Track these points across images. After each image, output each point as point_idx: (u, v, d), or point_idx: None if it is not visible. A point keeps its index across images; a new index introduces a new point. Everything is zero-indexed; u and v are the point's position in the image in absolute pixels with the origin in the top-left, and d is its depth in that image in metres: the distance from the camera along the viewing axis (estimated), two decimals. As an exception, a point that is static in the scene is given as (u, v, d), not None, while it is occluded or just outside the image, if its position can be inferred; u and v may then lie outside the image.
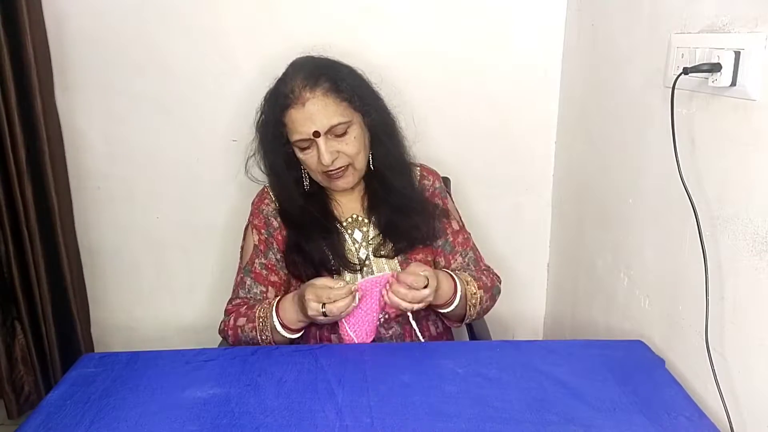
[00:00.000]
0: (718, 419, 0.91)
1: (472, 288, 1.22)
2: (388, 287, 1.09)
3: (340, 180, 1.23)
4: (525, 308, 1.84)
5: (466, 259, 1.33)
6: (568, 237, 1.66)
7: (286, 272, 1.27)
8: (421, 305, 1.10)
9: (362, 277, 1.24)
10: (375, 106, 1.24)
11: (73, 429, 0.89)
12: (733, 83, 0.87)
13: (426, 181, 1.35)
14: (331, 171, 1.20)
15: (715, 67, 0.88)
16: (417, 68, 1.56)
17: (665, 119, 1.00)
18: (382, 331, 1.25)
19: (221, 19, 1.52)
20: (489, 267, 1.36)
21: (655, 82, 1.10)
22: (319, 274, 1.21)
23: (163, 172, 1.64)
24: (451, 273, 1.22)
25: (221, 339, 1.31)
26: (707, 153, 0.96)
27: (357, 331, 1.13)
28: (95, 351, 1.75)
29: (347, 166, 1.21)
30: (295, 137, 1.17)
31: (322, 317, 1.08)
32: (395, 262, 1.26)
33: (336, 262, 1.23)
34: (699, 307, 0.96)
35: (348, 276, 1.24)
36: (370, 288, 1.12)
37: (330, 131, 1.16)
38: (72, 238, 1.65)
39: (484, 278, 1.28)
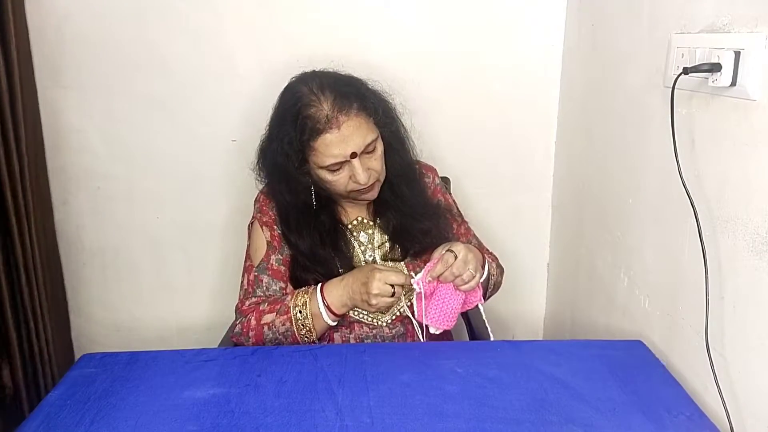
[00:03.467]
0: (718, 419, 0.91)
1: (488, 258, 1.31)
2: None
3: (369, 194, 1.22)
4: (525, 308, 1.84)
5: None
6: (568, 237, 1.66)
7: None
8: (474, 265, 1.14)
9: None
10: (392, 118, 1.23)
11: (73, 429, 0.89)
12: (733, 83, 0.87)
13: (426, 179, 1.35)
14: (363, 188, 1.19)
15: (715, 67, 0.88)
16: (417, 68, 1.56)
17: (665, 119, 1.00)
18: (386, 330, 1.25)
19: (221, 19, 1.52)
20: (490, 251, 1.42)
21: (655, 82, 1.10)
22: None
23: (163, 172, 1.64)
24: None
25: (221, 339, 1.31)
26: (707, 153, 0.96)
27: (437, 320, 1.17)
28: (95, 351, 1.74)
29: (375, 180, 1.21)
30: (329, 161, 1.13)
31: (382, 299, 1.10)
32: (402, 265, 1.27)
33: (344, 272, 1.22)
34: (699, 307, 0.96)
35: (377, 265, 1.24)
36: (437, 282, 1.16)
37: (364, 150, 1.15)
38: (47, 242, 1.60)
39: (489, 258, 1.36)
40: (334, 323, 1.18)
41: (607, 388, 0.97)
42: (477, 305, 1.22)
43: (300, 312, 1.15)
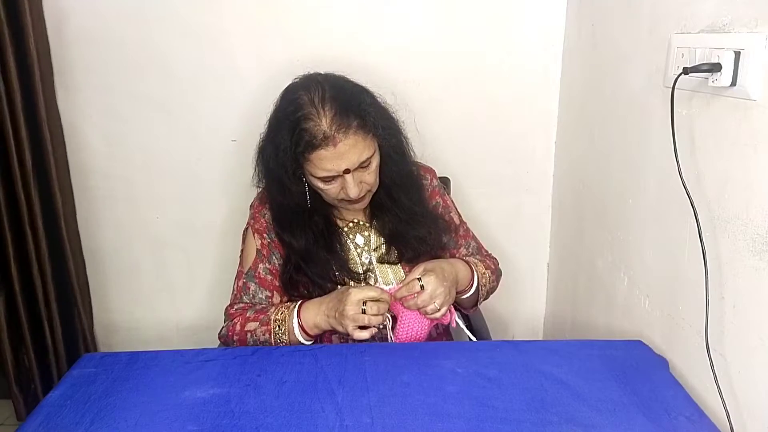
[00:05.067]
0: (718, 419, 0.91)
1: (482, 268, 1.31)
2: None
3: (359, 204, 1.23)
4: (525, 308, 1.84)
5: (470, 250, 1.39)
6: (568, 237, 1.66)
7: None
8: (442, 300, 1.13)
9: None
10: (392, 131, 1.22)
11: (73, 429, 0.89)
12: (733, 83, 0.87)
13: (424, 181, 1.35)
14: (353, 199, 1.18)
15: (715, 67, 0.88)
16: (417, 68, 1.56)
17: (665, 119, 1.00)
18: (386, 332, 1.24)
19: (222, 19, 1.52)
20: (489, 253, 1.43)
21: (655, 82, 1.10)
22: (322, 290, 1.21)
23: (163, 172, 1.64)
24: (463, 259, 1.30)
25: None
26: (707, 153, 0.96)
27: (407, 336, 1.17)
28: (95, 351, 1.75)
29: (367, 192, 1.21)
30: (321, 174, 1.13)
31: (352, 326, 1.10)
32: (399, 268, 1.27)
33: (340, 275, 1.22)
34: (699, 307, 0.96)
35: (353, 285, 1.24)
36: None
37: (359, 166, 1.15)
38: (76, 239, 1.65)
39: (487, 261, 1.37)
40: (309, 342, 1.18)
41: (607, 388, 0.97)
42: (448, 324, 1.23)
43: (278, 327, 1.16)
